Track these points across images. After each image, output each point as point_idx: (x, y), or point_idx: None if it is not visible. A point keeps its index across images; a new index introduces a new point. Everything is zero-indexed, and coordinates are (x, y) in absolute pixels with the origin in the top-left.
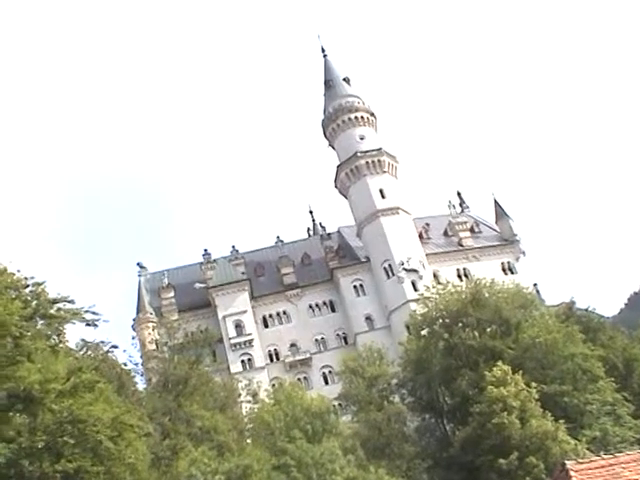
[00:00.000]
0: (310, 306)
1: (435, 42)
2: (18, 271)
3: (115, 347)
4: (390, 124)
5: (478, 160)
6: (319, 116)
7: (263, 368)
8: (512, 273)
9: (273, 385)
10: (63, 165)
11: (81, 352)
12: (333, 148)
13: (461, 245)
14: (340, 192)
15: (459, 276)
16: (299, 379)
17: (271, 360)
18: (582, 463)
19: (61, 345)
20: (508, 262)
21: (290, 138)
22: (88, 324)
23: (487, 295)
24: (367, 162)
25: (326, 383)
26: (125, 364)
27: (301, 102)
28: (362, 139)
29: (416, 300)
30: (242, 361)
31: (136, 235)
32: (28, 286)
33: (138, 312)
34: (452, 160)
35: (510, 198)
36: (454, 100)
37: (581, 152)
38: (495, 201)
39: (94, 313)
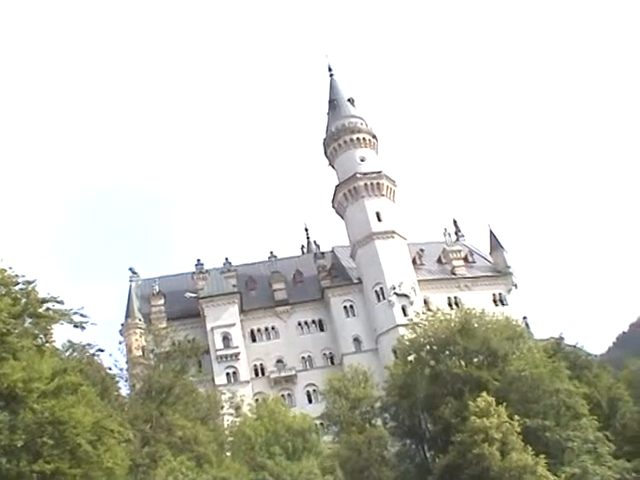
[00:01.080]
0: (299, 323)
1: (441, 69)
2: (10, 268)
3: (101, 350)
4: (391, 147)
5: (476, 189)
6: (321, 134)
7: (248, 382)
8: (503, 305)
9: (257, 400)
10: (62, 169)
11: (67, 353)
12: (333, 167)
13: (454, 273)
14: (337, 212)
15: (450, 304)
16: (283, 395)
17: (256, 375)
18: None
19: (47, 345)
20: (499, 293)
21: (291, 154)
22: (76, 326)
23: (476, 325)
24: (366, 184)
25: (310, 401)
26: (110, 368)
27: (304, 119)
28: (362, 161)
29: (405, 325)
30: (227, 374)
31: (131, 241)
32: (18, 284)
33: (127, 317)
34: (450, 188)
35: (505, 229)
36: (456, 128)
37: (578, 189)
38: (491, 232)
39: (82, 315)
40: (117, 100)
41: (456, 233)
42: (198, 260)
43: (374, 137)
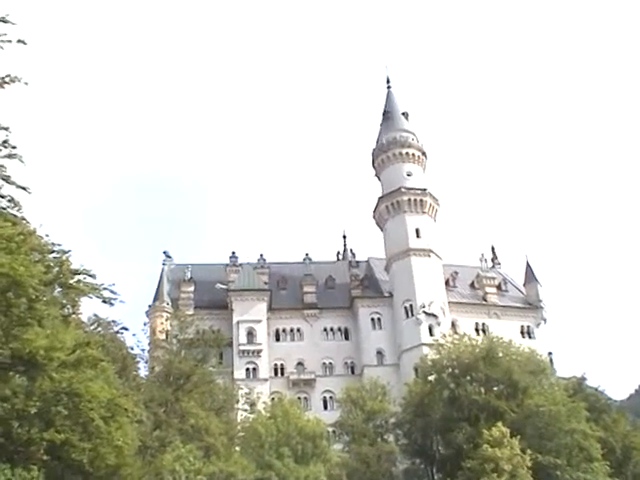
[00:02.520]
0: (325, 329)
1: (497, 95)
2: (46, 235)
3: (125, 329)
4: (438, 166)
5: (518, 219)
6: (371, 144)
7: (266, 380)
8: (530, 338)
9: (273, 399)
10: (109, 151)
11: (92, 327)
12: (379, 179)
13: (485, 300)
14: (377, 223)
15: (477, 330)
16: (299, 398)
17: (275, 374)
18: None
19: (73, 316)
20: (528, 326)
21: (338, 159)
22: (104, 301)
23: (501, 354)
24: (409, 199)
25: (325, 408)
26: (132, 348)
27: (357, 126)
28: (409, 175)
29: (430, 345)
30: (247, 369)
31: (169, 226)
32: (53, 252)
33: (155, 300)
34: (492, 214)
35: (542, 262)
36: (506, 156)
37: (624, 236)
38: (527, 263)
39: (112, 292)
40: (169, 90)
41: (492, 260)
42: (233, 253)
43: (423, 154)
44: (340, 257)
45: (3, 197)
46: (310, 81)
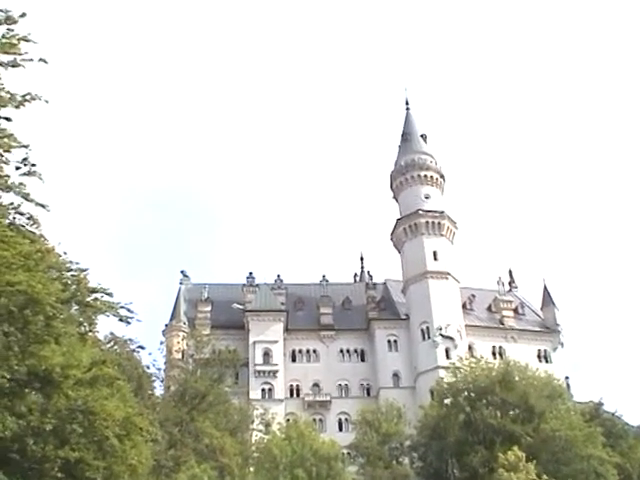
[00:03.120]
0: (341, 350)
1: (518, 123)
2: (65, 253)
3: (142, 348)
4: (456, 188)
5: (536, 242)
6: (390, 166)
7: (282, 401)
8: (547, 362)
9: (288, 420)
10: (128, 170)
11: (108, 345)
12: (397, 201)
13: (502, 323)
14: (394, 245)
15: (494, 353)
16: (314, 420)
17: (291, 395)
18: None
19: (90, 334)
20: (545, 350)
21: (356, 180)
22: (121, 320)
23: (517, 378)
24: (427, 222)
25: (340, 429)
26: (148, 367)
27: (375, 147)
28: (427, 198)
29: (446, 368)
30: (263, 389)
31: (186, 245)
32: (71, 270)
33: (172, 319)
34: (510, 237)
35: (560, 286)
36: (525, 180)
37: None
38: (545, 287)
39: (129, 310)
40: (190, 110)
41: (510, 283)
42: (250, 273)
43: (442, 176)
44: (357, 279)
45: (22, 214)
46: (330, 102)
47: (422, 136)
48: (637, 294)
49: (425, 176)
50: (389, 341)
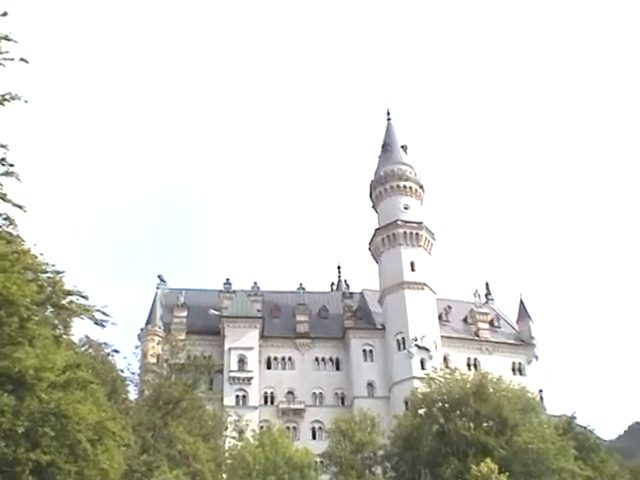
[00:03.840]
0: (316, 359)
1: (495, 130)
2: (41, 254)
3: (116, 352)
4: (435, 200)
5: (511, 256)
6: (369, 175)
7: (256, 408)
8: (521, 374)
9: (262, 427)
10: (104, 173)
11: (82, 348)
12: (375, 211)
13: (477, 335)
14: (372, 255)
15: (469, 365)
16: (288, 427)
17: (265, 402)
18: None
19: (65, 337)
20: (519, 363)
21: (336, 189)
22: (96, 323)
23: (491, 390)
24: (405, 232)
25: (314, 438)
26: (122, 371)
27: (355, 157)
28: (406, 209)
29: (421, 378)
30: (237, 396)
31: (164, 250)
32: (47, 272)
33: (147, 323)
34: (487, 250)
35: (536, 300)
36: (502, 191)
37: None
38: (521, 300)
39: (104, 313)
40: (164, 115)
41: (486, 296)
42: (227, 279)
43: (421, 187)
44: (334, 288)
45: None
46: (312, 112)
47: (402, 147)
48: (611, 309)
49: (404, 187)
50: (364, 350)
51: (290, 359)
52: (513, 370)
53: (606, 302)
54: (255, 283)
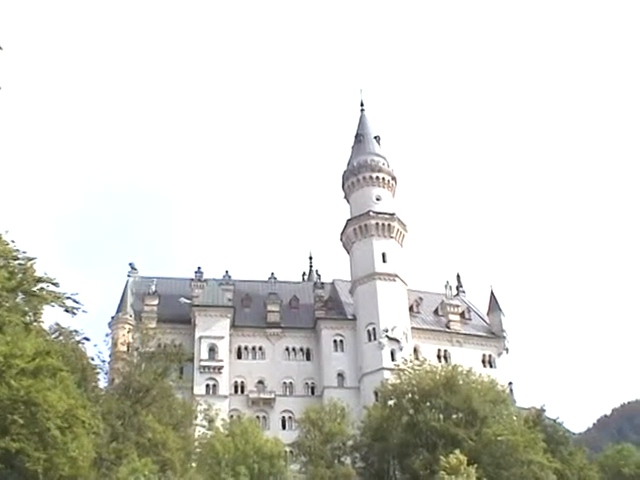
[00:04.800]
0: (287, 348)
1: (466, 123)
2: (12, 242)
3: (87, 339)
4: (408, 192)
5: (483, 248)
6: (342, 166)
7: (226, 397)
8: (491, 367)
9: (231, 416)
10: (75, 162)
11: (53, 335)
12: (348, 201)
13: (448, 327)
14: (344, 246)
15: (439, 357)
16: (258, 417)
17: (235, 391)
18: None
19: (35, 324)
20: (490, 355)
21: (308, 179)
22: (67, 310)
23: (461, 382)
24: (377, 223)
25: (284, 427)
26: (92, 359)
27: (328, 147)
28: (378, 200)
29: (391, 369)
30: (207, 385)
31: (136, 238)
32: (18, 259)
33: (118, 311)
34: (459, 242)
35: (507, 293)
36: (473, 184)
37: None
38: (492, 293)
39: (75, 301)
40: (135, 103)
41: (457, 288)
42: (199, 268)
43: (393, 179)
44: (305, 278)
45: None
46: (285, 101)
47: (376, 138)
48: (581, 303)
49: (377, 178)
50: (335, 341)
51: (261, 349)
52: (483, 362)
53: (576, 295)
54: (226, 272)
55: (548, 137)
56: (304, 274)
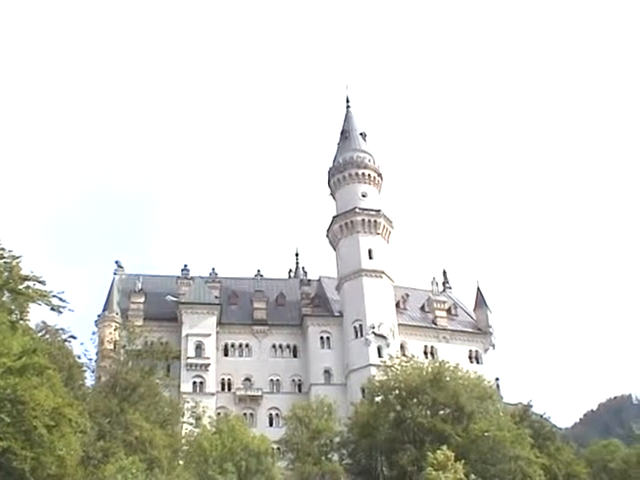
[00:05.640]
0: (273, 346)
1: (452, 118)
2: None
3: (73, 337)
4: (394, 188)
5: (469, 244)
6: (328, 162)
7: (213, 394)
8: (478, 363)
9: (219, 414)
10: (62, 161)
11: (39, 334)
12: (334, 198)
13: (435, 323)
14: (330, 242)
15: (426, 353)
16: (245, 414)
17: (222, 389)
18: None
19: (21, 322)
20: (476, 351)
21: (294, 176)
22: (53, 309)
23: (448, 378)
24: (363, 220)
25: (271, 424)
26: (79, 357)
27: (314, 144)
28: (364, 196)
29: (378, 366)
30: (194, 383)
31: (122, 236)
32: (3, 257)
33: (105, 309)
34: (446, 238)
35: (493, 289)
36: (460, 180)
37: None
38: (478, 289)
39: (61, 299)
40: (118, 101)
41: (444, 284)
42: (185, 265)
43: (379, 175)
44: (292, 275)
45: None
46: (270, 97)
47: (362, 134)
48: (567, 298)
49: (363, 174)
50: (322, 338)
51: (247, 346)
52: (470, 358)
53: (563, 291)
54: (213, 269)
55: (535, 131)
56: (290, 271)
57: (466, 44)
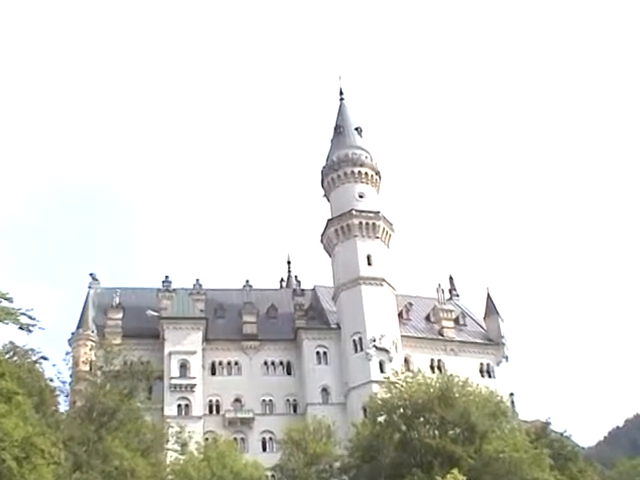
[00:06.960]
0: (265, 362)
1: (455, 109)
2: None
3: (45, 359)
4: (394, 188)
5: (479, 249)
6: (321, 161)
7: (200, 418)
8: (489, 376)
9: (206, 439)
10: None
11: (6, 356)
12: (328, 199)
13: (441, 334)
14: (325, 248)
15: (432, 367)
16: (236, 439)
17: (210, 411)
18: None
19: None
20: (488, 364)
21: (284, 177)
22: (21, 327)
23: (457, 395)
24: (361, 223)
25: (264, 449)
26: (52, 380)
27: (305, 141)
28: (361, 197)
29: (380, 382)
30: (179, 405)
31: (97, 246)
32: None
33: (79, 327)
34: (452, 242)
35: (505, 296)
36: (467, 177)
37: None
38: (488, 296)
39: (30, 317)
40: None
41: (450, 291)
42: (166, 277)
43: (377, 174)
44: (283, 284)
45: None
46: (256, 90)
47: (357, 129)
48: (586, 304)
49: (359, 173)
50: (318, 353)
51: (237, 364)
52: (481, 372)
53: (582, 296)
54: (197, 281)
55: (543, 130)
56: (282, 280)
57: (463, 33)
